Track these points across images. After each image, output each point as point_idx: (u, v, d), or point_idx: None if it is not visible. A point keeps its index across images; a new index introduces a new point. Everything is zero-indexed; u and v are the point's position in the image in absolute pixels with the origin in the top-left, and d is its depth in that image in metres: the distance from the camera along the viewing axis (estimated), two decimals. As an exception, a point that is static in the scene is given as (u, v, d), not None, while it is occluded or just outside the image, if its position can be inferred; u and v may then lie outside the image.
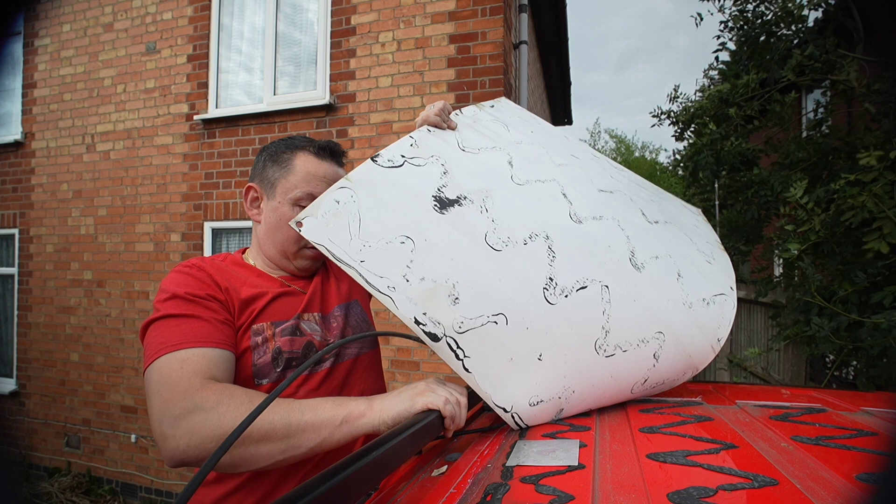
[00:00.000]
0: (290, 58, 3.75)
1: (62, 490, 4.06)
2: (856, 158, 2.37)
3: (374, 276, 0.75)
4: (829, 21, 2.56)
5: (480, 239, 0.79)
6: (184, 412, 0.68)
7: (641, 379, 0.82)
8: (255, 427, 0.67)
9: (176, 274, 0.87)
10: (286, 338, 0.89)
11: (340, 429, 0.69)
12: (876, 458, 0.60)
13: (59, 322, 4.37)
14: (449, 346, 0.74)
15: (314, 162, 0.97)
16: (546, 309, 0.76)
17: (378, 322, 3.37)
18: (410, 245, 0.76)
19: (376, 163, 0.84)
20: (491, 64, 3.14)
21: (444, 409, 0.69)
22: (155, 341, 0.77)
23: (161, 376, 0.73)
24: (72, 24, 4.34)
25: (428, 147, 0.89)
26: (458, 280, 0.75)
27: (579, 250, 0.82)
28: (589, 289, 0.78)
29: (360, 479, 0.50)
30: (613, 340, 0.78)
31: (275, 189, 0.96)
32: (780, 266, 3.15)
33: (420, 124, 0.95)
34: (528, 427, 0.79)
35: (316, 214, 0.78)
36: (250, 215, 1.00)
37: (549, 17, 5.23)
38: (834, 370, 2.58)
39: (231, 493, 0.85)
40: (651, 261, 0.87)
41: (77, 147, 4.31)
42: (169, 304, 0.81)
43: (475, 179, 0.86)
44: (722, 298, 0.91)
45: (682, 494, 0.50)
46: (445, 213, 0.80)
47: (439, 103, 0.96)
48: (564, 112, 8.44)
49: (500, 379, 0.75)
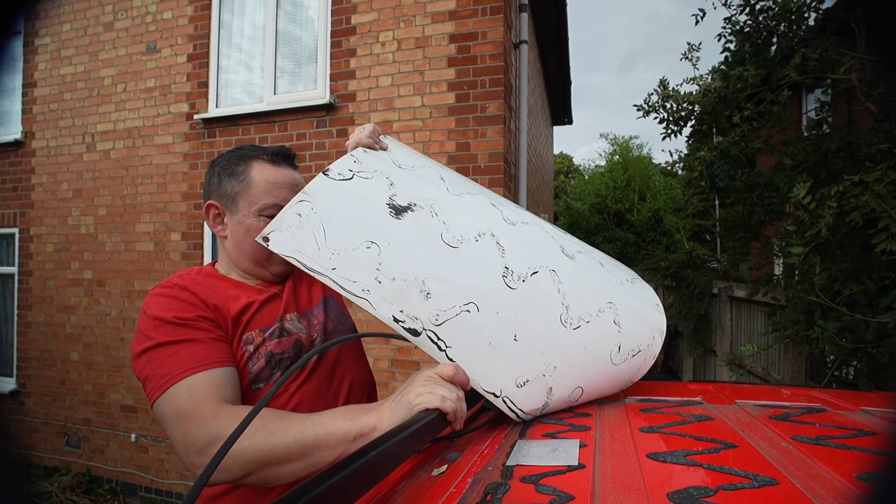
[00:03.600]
0: (291, 57, 3.75)
1: (62, 489, 4.07)
2: (857, 158, 2.37)
3: (348, 282, 0.79)
4: (829, 20, 2.56)
5: (437, 239, 0.85)
6: (205, 443, 0.72)
7: (615, 346, 0.88)
8: (274, 451, 0.70)
9: (159, 298, 0.86)
10: (274, 340, 0.91)
11: (355, 443, 0.71)
12: (876, 457, 0.60)
13: (59, 321, 4.37)
14: (430, 338, 0.77)
15: (271, 170, 0.97)
16: (509, 293, 0.82)
17: (378, 321, 3.37)
18: (376, 249, 0.81)
19: (328, 176, 0.89)
20: (491, 63, 3.14)
21: (443, 406, 0.68)
22: (157, 373, 0.78)
23: (174, 409, 0.75)
24: (72, 23, 4.34)
25: (369, 164, 0.95)
26: (426, 277, 0.80)
27: (522, 245, 0.91)
28: (540, 273, 0.86)
29: (360, 478, 0.50)
30: (575, 314, 0.85)
31: (236, 203, 0.95)
32: (781, 265, 3.15)
33: (353, 146, 0.99)
34: (525, 413, 0.80)
35: (281, 229, 0.82)
36: (215, 232, 1.00)
37: (549, 16, 5.23)
38: (834, 370, 2.58)
39: (231, 490, 0.87)
40: (577, 254, 0.98)
41: (77, 146, 4.31)
42: (160, 331, 0.81)
43: (419, 190, 0.93)
44: (637, 279, 1.07)
45: (683, 494, 0.50)
46: (401, 218, 0.86)
47: (369, 126, 1.02)
48: (564, 112, 8.44)
49: (483, 364, 0.79)
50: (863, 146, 2.42)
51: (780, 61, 2.67)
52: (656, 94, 3.53)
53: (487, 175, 3.14)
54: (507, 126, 3.29)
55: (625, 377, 0.91)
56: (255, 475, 0.71)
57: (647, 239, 11.62)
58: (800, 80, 2.69)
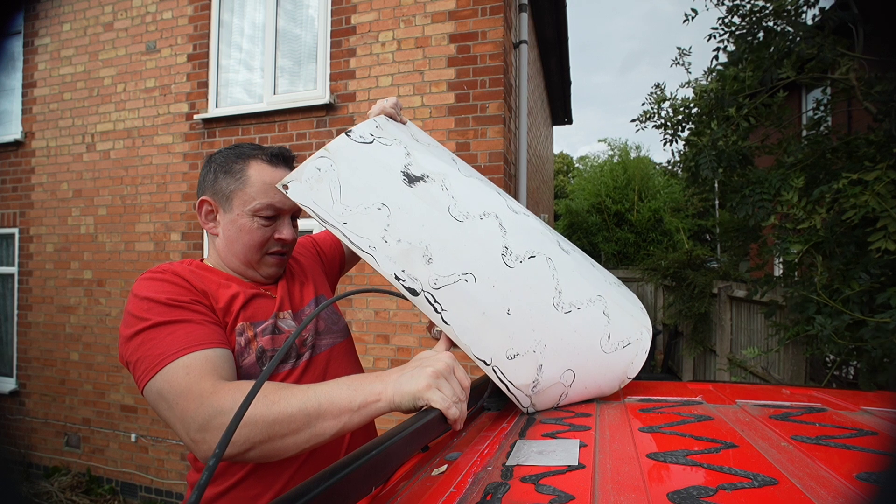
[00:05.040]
0: (291, 56, 3.75)
1: (62, 489, 4.07)
2: (856, 157, 2.36)
3: (357, 237, 0.82)
4: (827, 19, 2.55)
5: (445, 211, 0.89)
6: (207, 418, 0.69)
7: (605, 335, 0.91)
8: (277, 421, 0.68)
9: (150, 282, 0.84)
10: (267, 337, 0.90)
11: (358, 413, 0.69)
12: (876, 457, 0.60)
13: (59, 321, 4.37)
14: (427, 300, 0.80)
15: (269, 170, 0.95)
16: (506, 271, 0.86)
17: (378, 321, 3.37)
18: (386, 211, 0.85)
19: (350, 137, 0.92)
20: (491, 63, 3.14)
21: (448, 412, 0.67)
22: (151, 353, 0.75)
23: (170, 387, 0.72)
24: (72, 23, 4.34)
25: (389, 132, 0.99)
26: (430, 243, 0.84)
27: (522, 231, 0.95)
28: (537, 258, 0.90)
29: (360, 478, 0.50)
30: (567, 299, 0.89)
31: (231, 201, 0.94)
32: (781, 265, 3.14)
33: (377, 113, 1.03)
34: (515, 387, 0.82)
35: (300, 179, 0.85)
36: (207, 229, 0.99)
37: (549, 16, 5.22)
38: (834, 370, 2.58)
39: (232, 488, 0.86)
40: (572, 250, 1.04)
41: (77, 146, 4.31)
42: (154, 312, 0.79)
43: (433, 164, 0.97)
44: (623, 285, 1.13)
45: (683, 494, 0.50)
46: (413, 186, 0.89)
47: (392, 98, 1.06)
48: (564, 111, 8.44)
49: (476, 331, 0.82)
50: (862, 146, 2.42)
51: (776, 61, 2.66)
52: (652, 98, 3.50)
53: (487, 175, 3.14)
54: (507, 126, 3.29)
55: (618, 369, 0.92)
56: (259, 448, 0.69)
57: (647, 239, 11.62)
58: (797, 80, 2.69)
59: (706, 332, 6.02)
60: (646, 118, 3.51)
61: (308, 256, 1.18)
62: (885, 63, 2.44)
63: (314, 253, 1.22)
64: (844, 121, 4.64)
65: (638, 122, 3.57)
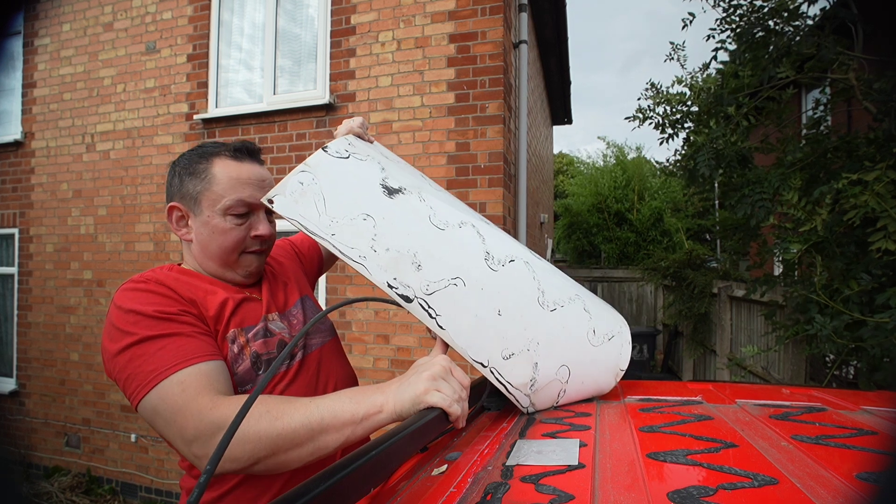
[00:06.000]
0: (291, 56, 3.75)
1: (62, 490, 4.07)
2: (856, 157, 2.36)
3: (347, 248, 0.84)
4: (827, 18, 2.55)
5: (426, 219, 0.91)
6: (207, 435, 0.69)
7: (590, 329, 0.95)
8: (282, 436, 0.68)
9: (133, 292, 0.81)
10: (259, 341, 0.90)
11: (361, 425, 0.70)
12: (876, 457, 0.60)
13: (59, 321, 4.37)
14: (421, 306, 0.82)
15: (234, 165, 0.93)
16: (491, 274, 0.89)
17: (378, 321, 3.37)
18: (372, 222, 0.86)
19: (327, 152, 0.95)
20: (491, 63, 3.14)
21: (450, 409, 0.68)
22: (142, 370, 0.73)
23: (166, 405, 0.71)
24: (71, 23, 4.34)
25: (361, 149, 1.02)
26: (417, 251, 0.86)
27: (497, 238, 0.98)
28: (516, 262, 0.94)
29: (360, 478, 0.50)
30: (550, 298, 0.92)
31: (199, 203, 0.91)
32: (780, 265, 3.14)
33: (345, 132, 1.04)
34: (513, 387, 0.83)
35: (284, 193, 0.86)
36: (179, 235, 0.96)
37: (548, 16, 5.23)
38: (834, 369, 2.58)
39: (228, 493, 0.86)
40: (542, 259, 1.07)
41: (77, 146, 4.31)
42: (141, 326, 0.76)
43: (407, 179, 0.99)
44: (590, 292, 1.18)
45: (683, 494, 0.50)
46: (393, 198, 0.92)
47: (358, 118, 1.08)
48: (564, 111, 8.44)
49: (471, 334, 0.83)
50: (862, 146, 2.42)
51: (775, 59, 2.66)
52: (647, 96, 3.46)
53: (487, 175, 3.14)
54: (507, 126, 3.29)
55: (609, 360, 0.95)
56: (264, 462, 0.69)
57: (647, 238, 11.60)
58: (797, 79, 2.68)
59: (706, 332, 6.02)
60: (644, 118, 3.48)
61: (287, 257, 1.17)
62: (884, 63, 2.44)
63: (293, 254, 1.21)
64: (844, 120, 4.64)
65: (632, 118, 3.52)
